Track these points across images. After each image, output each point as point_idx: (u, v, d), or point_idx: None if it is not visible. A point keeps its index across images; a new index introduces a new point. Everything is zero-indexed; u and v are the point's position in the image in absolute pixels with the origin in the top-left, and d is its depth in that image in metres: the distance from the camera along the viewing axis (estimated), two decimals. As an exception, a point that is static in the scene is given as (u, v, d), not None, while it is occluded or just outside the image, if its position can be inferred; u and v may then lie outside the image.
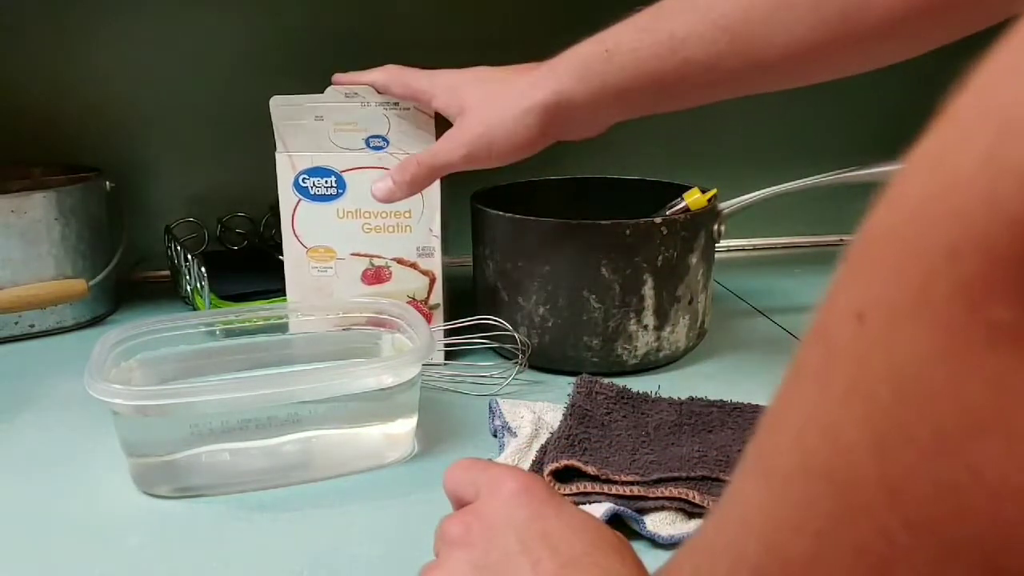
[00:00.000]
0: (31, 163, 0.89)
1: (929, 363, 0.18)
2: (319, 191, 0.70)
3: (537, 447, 0.55)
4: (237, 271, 0.87)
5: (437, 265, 0.72)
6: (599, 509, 0.48)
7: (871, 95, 1.03)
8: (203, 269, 0.77)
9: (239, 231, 0.97)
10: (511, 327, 0.69)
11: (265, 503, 0.52)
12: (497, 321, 0.69)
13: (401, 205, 0.69)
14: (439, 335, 0.71)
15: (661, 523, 0.48)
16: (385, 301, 0.63)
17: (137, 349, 0.57)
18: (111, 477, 0.55)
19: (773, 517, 0.23)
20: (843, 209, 1.01)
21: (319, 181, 0.69)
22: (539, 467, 0.52)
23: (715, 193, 0.72)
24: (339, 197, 0.70)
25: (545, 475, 0.51)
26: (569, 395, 0.60)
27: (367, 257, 0.71)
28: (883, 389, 0.19)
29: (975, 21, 0.51)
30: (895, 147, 0.23)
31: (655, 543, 0.47)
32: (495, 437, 0.59)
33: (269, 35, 0.92)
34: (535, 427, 0.57)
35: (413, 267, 0.71)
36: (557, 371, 0.70)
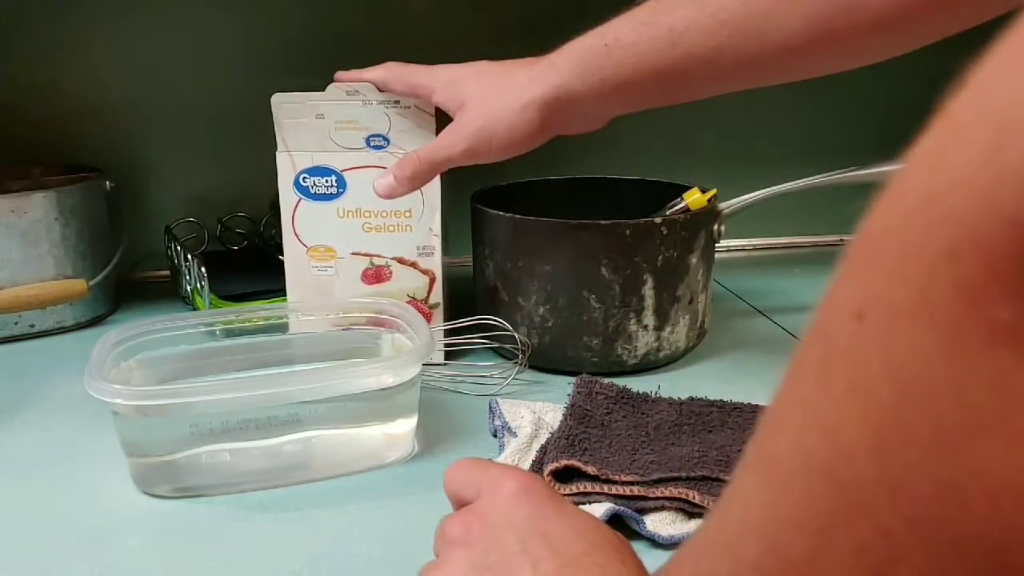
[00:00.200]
0: (31, 163, 0.89)
1: (929, 362, 0.18)
2: (319, 190, 0.70)
3: (537, 447, 0.55)
4: (237, 271, 0.88)
5: (437, 264, 0.72)
6: (599, 509, 0.48)
7: (871, 95, 1.03)
8: (203, 269, 0.77)
9: (239, 231, 0.97)
10: (511, 327, 0.69)
11: (265, 503, 0.52)
12: (497, 321, 0.69)
13: (401, 204, 0.69)
14: (439, 335, 0.71)
15: (661, 523, 0.48)
16: (385, 301, 0.63)
17: (137, 349, 0.57)
18: (111, 477, 0.55)
19: (773, 516, 0.23)
20: (843, 209, 1.00)
21: (319, 180, 0.69)
22: (539, 467, 0.52)
23: (715, 193, 0.72)
24: (339, 196, 0.70)
25: (545, 475, 0.51)
26: (569, 395, 0.60)
27: (367, 256, 0.71)
28: (883, 388, 0.19)
29: (974, 15, 0.51)
30: (895, 147, 0.23)
31: (655, 543, 0.47)
32: (495, 437, 0.59)
33: (269, 35, 0.93)
34: (535, 427, 0.57)
35: (413, 266, 0.71)
36: (557, 371, 0.70)
